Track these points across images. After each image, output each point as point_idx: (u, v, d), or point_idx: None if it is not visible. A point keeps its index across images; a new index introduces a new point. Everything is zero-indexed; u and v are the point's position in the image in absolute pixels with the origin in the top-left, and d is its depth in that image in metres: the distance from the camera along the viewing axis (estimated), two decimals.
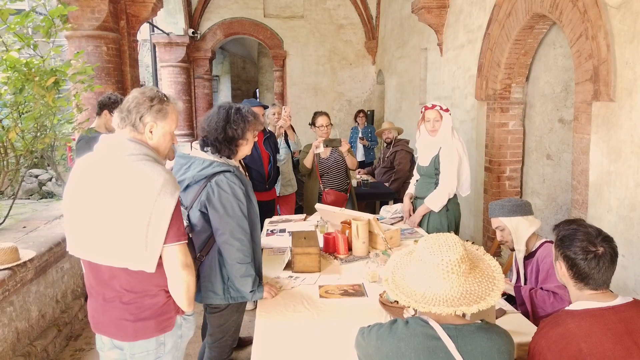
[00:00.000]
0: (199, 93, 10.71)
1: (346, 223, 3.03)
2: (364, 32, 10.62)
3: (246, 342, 3.21)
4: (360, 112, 8.04)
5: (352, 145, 7.60)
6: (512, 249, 2.57)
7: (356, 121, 8.04)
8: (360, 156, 7.56)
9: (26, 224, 3.64)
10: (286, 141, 4.68)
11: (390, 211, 3.94)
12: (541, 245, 2.45)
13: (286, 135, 4.69)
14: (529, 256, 2.50)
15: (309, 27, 10.61)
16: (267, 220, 3.82)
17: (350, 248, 2.96)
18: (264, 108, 4.55)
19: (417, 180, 3.70)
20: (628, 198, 2.68)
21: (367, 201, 5.66)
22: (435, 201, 3.44)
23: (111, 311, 1.74)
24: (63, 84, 3.38)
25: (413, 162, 5.26)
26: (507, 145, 4.57)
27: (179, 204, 1.72)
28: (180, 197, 1.72)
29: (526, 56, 4.28)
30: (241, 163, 3.54)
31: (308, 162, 4.21)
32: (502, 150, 4.56)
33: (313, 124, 4.36)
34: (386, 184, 5.76)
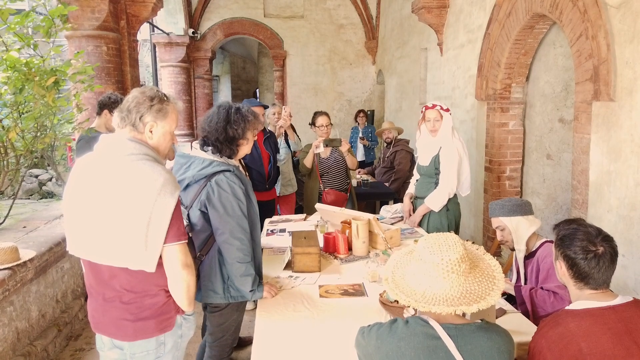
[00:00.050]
0: (199, 93, 10.71)
1: (346, 223, 3.03)
2: (364, 32, 10.62)
3: (246, 342, 3.21)
4: (360, 112, 8.03)
5: (353, 145, 7.59)
6: (513, 249, 2.57)
7: (356, 121, 8.04)
8: (360, 156, 7.56)
9: (26, 224, 3.64)
10: (286, 141, 4.68)
11: (390, 211, 3.94)
12: (541, 245, 2.45)
13: (286, 135, 4.69)
14: (529, 256, 2.50)
15: (309, 27, 10.61)
16: (267, 220, 3.82)
17: (350, 248, 2.96)
18: (264, 108, 4.55)
19: (417, 180, 3.70)
20: (628, 198, 2.68)
21: (367, 201, 5.66)
22: (435, 201, 3.44)
23: (111, 311, 1.73)
24: (63, 84, 3.38)
25: (413, 162, 5.26)
26: (507, 145, 4.57)
27: (179, 204, 1.72)
28: (180, 197, 1.72)
29: (526, 56, 4.28)
30: (241, 163, 3.54)
31: (308, 162, 4.21)
32: (502, 150, 4.56)
33: (313, 124, 4.36)
34: (386, 184, 5.76)
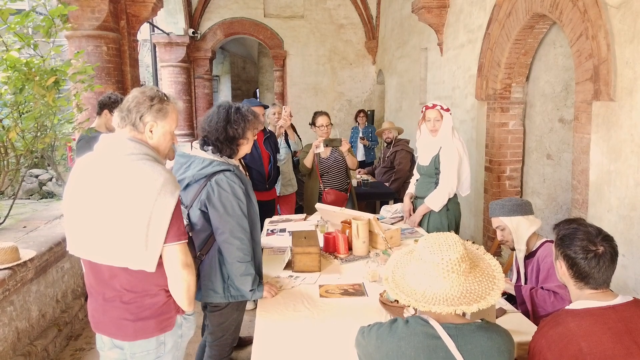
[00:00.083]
0: (199, 93, 10.71)
1: (346, 223, 3.03)
2: (364, 32, 10.62)
3: (246, 342, 3.21)
4: (360, 112, 8.03)
5: (353, 145, 7.60)
6: (513, 249, 2.57)
7: (356, 121, 8.04)
8: (360, 156, 7.56)
9: (26, 224, 3.64)
10: (286, 141, 4.68)
11: (390, 211, 3.94)
12: (542, 244, 2.45)
13: (286, 135, 4.69)
14: (530, 256, 2.50)
15: (309, 27, 10.61)
16: (268, 220, 3.82)
17: (350, 248, 2.96)
18: (264, 108, 4.55)
19: (417, 179, 3.70)
20: (628, 197, 2.67)
21: (367, 201, 5.66)
22: (435, 201, 3.44)
23: (111, 311, 1.73)
24: (63, 84, 3.38)
25: (413, 162, 5.26)
26: (508, 145, 4.57)
27: (179, 204, 1.72)
28: (180, 196, 1.72)
29: (526, 56, 4.28)
30: (241, 162, 3.54)
31: (308, 162, 4.21)
32: (503, 150, 4.56)
33: (313, 124, 4.36)
34: (386, 184, 5.76)
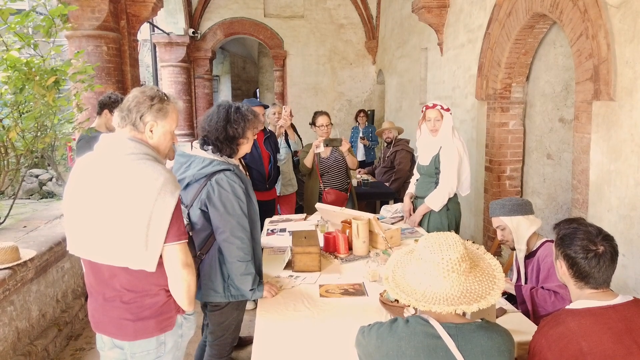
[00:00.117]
0: (199, 93, 10.71)
1: (346, 222, 3.03)
2: (364, 32, 10.62)
3: (246, 342, 3.21)
4: (360, 112, 8.04)
5: (353, 144, 7.60)
6: (513, 248, 2.57)
7: (357, 121, 8.05)
8: (360, 156, 7.57)
9: (26, 224, 3.64)
10: (286, 141, 4.68)
11: (390, 211, 3.94)
12: (542, 244, 2.45)
13: (286, 134, 4.69)
14: (530, 255, 2.50)
15: (309, 27, 10.61)
16: (268, 219, 3.82)
17: (350, 247, 2.96)
18: (265, 108, 4.55)
19: (418, 179, 3.70)
20: (628, 197, 2.67)
21: (368, 201, 5.66)
22: (435, 200, 3.44)
23: (111, 311, 1.73)
24: (63, 84, 3.38)
25: (413, 162, 5.26)
26: (508, 144, 4.56)
27: (180, 203, 1.72)
28: (180, 196, 1.72)
29: (526, 55, 4.28)
30: (241, 162, 3.54)
31: (308, 162, 4.21)
32: (503, 149, 4.56)
33: (313, 124, 4.36)
34: (386, 184, 5.76)
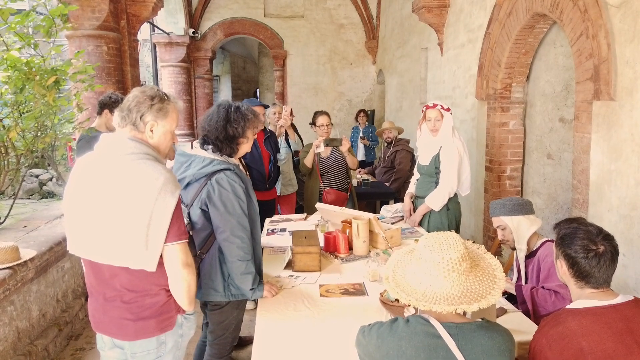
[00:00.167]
0: (200, 93, 10.71)
1: (347, 222, 3.03)
2: (365, 32, 10.62)
3: (247, 342, 3.21)
4: (360, 112, 8.05)
5: (353, 144, 7.60)
6: (513, 248, 2.57)
7: (357, 121, 8.05)
8: (360, 156, 7.57)
9: (27, 224, 3.64)
10: (287, 141, 4.68)
11: (390, 210, 3.94)
12: (542, 244, 2.45)
13: (287, 134, 4.69)
14: (530, 255, 2.50)
15: (310, 27, 10.61)
16: (268, 219, 3.82)
17: (350, 247, 2.96)
18: (265, 107, 4.55)
19: (418, 179, 3.70)
20: (629, 197, 2.67)
21: (368, 201, 5.66)
22: (435, 200, 3.44)
23: (112, 310, 1.73)
24: (64, 84, 3.38)
25: (413, 162, 5.26)
26: (508, 144, 4.56)
27: (180, 203, 1.72)
28: (180, 196, 1.72)
29: (527, 55, 4.27)
30: (241, 161, 3.54)
31: (308, 162, 4.21)
32: (503, 149, 4.56)
33: (313, 124, 4.36)
34: (386, 184, 5.76)
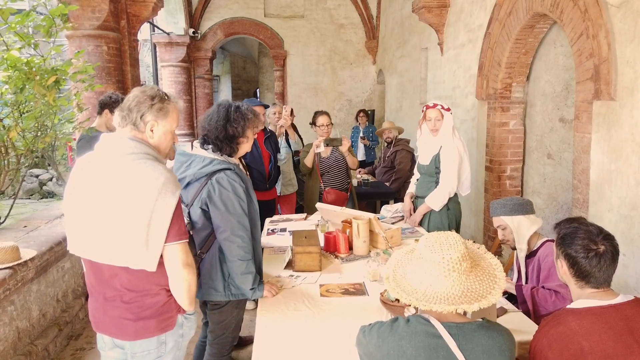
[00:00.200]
0: (200, 93, 10.71)
1: (347, 222, 3.03)
2: (365, 32, 10.62)
3: (247, 342, 3.21)
4: (361, 112, 8.05)
5: (354, 144, 7.60)
6: (514, 248, 2.57)
7: (357, 121, 8.06)
8: (361, 156, 7.57)
9: (27, 224, 3.64)
10: (287, 140, 4.68)
11: (390, 210, 3.94)
12: (542, 244, 2.45)
13: (287, 134, 4.69)
14: (530, 255, 2.50)
15: (310, 27, 10.61)
16: (268, 219, 3.82)
17: (351, 247, 2.96)
18: (265, 107, 4.55)
19: (418, 179, 3.70)
20: (629, 197, 2.67)
21: (368, 201, 5.66)
22: (435, 200, 3.44)
23: (112, 310, 1.73)
24: (64, 84, 3.38)
25: (413, 162, 5.26)
26: (508, 144, 4.56)
27: (180, 203, 1.72)
28: (180, 195, 1.72)
29: (527, 55, 4.27)
30: (242, 161, 3.54)
31: (309, 162, 4.21)
32: (503, 149, 4.56)
33: (314, 124, 4.36)
34: (387, 184, 5.76)
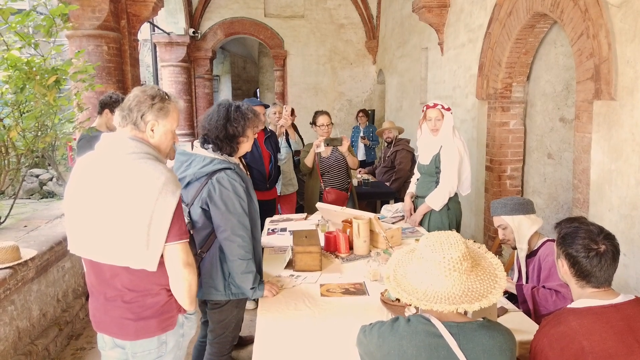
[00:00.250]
0: (200, 93, 10.71)
1: (347, 222, 3.03)
2: (365, 32, 10.62)
3: (247, 341, 3.21)
4: (360, 112, 8.05)
5: (354, 144, 7.61)
6: (514, 248, 2.57)
7: (357, 120, 8.06)
8: (361, 155, 7.57)
9: (27, 223, 3.64)
10: (287, 140, 4.68)
11: (391, 210, 3.94)
12: (543, 243, 2.45)
13: (287, 134, 4.69)
14: (531, 255, 2.50)
15: (310, 27, 10.60)
16: (268, 219, 3.82)
17: (351, 247, 2.96)
18: (265, 107, 4.55)
19: (418, 179, 3.70)
20: (629, 196, 2.67)
21: (368, 200, 5.65)
22: (436, 200, 3.44)
23: (113, 310, 1.73)
24: (64, 83, 3.38)
25: (414, 162, 5.26)
26: (508, 144, 4.56)
27: (181, 203, 1.72)
28: (181, 195, 1.72)
29: (527, 55, 4.27)
30: (242, 161, 3.54)
31: (309, 161, 4.21)
32: (503, 149, 4.56)
33: (314, 123, 4.37)
34: (387, 184, 5.76)
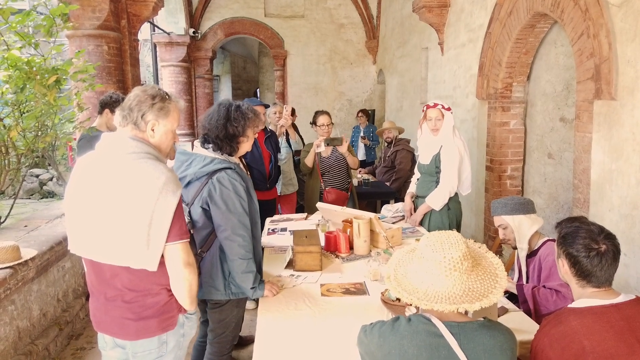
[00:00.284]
0: (200, 93, 10.71)
1: (347, 222, 3.03)
2: (365, 32, 10.61)
3: (247, 341, 3.21)
4: (361, 112, 8.05)
5: (354, 144, 7.61)
6: (515, 247, 2.57)
7: (357, 120, 8.06)
8: (361, 155, 7.57)
9: (27, 223, 3.64)
10: (287, 140, 4.68)
11: (391, 210, 3.94)
12: (543, 243, 2.45)
13: (287, 134, 4.69)
14: (531, 254, 2.50)
15: (310, 27, 10.60)
16: (268, 219, 3.82)
17: (351, 247, 2.96)
18: (265, 107, 4.55)
19: (418, 178, 3.70)
20: (630, 196, 2.67)
21: (368, 200, 5.65)
22: (436, 200, 3.44)
23: (113, 310, 1.73)
24: (64, 83, 3.38)
25: (414, 162, 5.26)
26: (508, 144, 4.56)
27: (181, 203, 1.72)
28: (181, 194, 1.72)
29: (527, 55, 4.27)
30: (242, 161, 3.54)
31: (309, 161, 4.21)
32: (503, 149, 4.56)
33: (314, 123, 4.37)
34: (387, 184, 5.76)
